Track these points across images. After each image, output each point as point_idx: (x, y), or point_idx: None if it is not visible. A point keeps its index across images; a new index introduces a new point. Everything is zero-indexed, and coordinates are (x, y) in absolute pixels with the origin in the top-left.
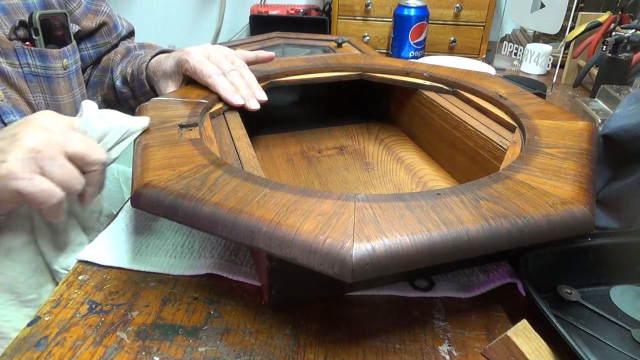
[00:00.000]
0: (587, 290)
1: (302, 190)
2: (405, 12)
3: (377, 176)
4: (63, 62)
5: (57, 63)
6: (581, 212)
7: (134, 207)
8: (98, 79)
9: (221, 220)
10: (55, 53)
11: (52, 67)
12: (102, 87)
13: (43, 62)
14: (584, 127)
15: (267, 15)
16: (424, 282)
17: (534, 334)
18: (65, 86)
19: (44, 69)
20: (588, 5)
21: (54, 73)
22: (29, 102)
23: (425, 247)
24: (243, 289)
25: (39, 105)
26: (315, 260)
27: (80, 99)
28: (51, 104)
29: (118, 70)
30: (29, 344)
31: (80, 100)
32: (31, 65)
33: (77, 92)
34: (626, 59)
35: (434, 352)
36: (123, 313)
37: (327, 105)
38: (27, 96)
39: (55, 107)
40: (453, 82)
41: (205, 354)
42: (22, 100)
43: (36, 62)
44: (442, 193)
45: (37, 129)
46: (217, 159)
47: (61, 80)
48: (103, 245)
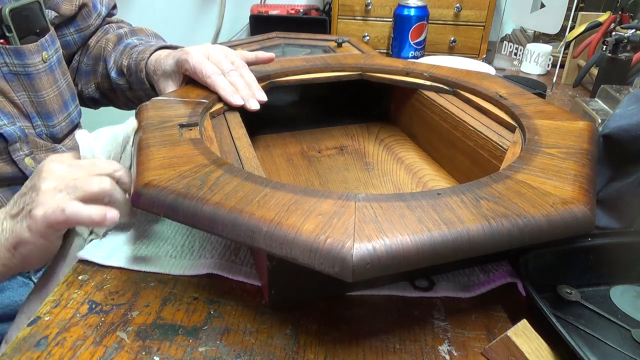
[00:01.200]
0: (587, 290)
1: (303, 190)
2: (405, 12)
3: (377, 176)
4: (42, 55)
5: (36, 58)
6: (581, 212)
7: (134, 206)
8: (90, 68)
9: (222, 220)
10: (32, 48)
11: (31, 64)
12: (95, 75)
13: (20, 59)
14: (584, 127)
15: (267, 15)
16: (424, 282)
17: (534, 334)
18: (48, 80)
19: (23, 67)
20: (588, 5)
21: (34, 69)
22: (14, 102)
23: (425, 247)
24: (243, 289)
25: (25, 104)
26: (316, 260)
27: (66, 89)
28: (36, 102)
29: (112, 60)
30: (29, 344)
31: (65, 91)
32: (9, 64)
33: (62, 83)
34: (626, 59)
35: (434, 352)
36: (123, 313)
37: (327, 105)
38: (10, 96)
39: (41, 104)
40: (453, 82)
41: (205, 354)
42: (7, 102)
43: (13, 60)
44: (443, 193)
45: (49, 172)
46: (217, 158)
47: (43, 76)
48: (103, 245)
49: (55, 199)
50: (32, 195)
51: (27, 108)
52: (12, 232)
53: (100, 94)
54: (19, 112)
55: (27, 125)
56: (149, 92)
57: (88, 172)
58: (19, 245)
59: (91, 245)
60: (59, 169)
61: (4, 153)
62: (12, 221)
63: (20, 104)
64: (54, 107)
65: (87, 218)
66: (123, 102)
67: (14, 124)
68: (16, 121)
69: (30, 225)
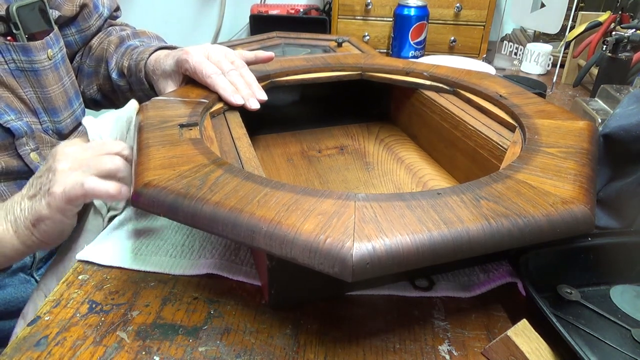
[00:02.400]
0: (587, 290)
1: (303, 189)
2: (405, 11)
3: (377, 176)
4: (48, 53)
5: (42, 55)
6: (582, 212)
7: (134, 206)
8: (93, 69)
9: (222, 220)
10: (38, 45)
11: (38, 60)
12: (97, 77)
13: (27, 56)
14: (584, 127)
15: (267, 15)
16: (424, 282)
17: (534, 334)
18: (54, 77)
19: (30, 63)
20: (588, 5)
21: (41, 66)
22: (21, 98)
23: (425, 247)
24: (243, 288)
25: (31, 100)
26: (316, 259)
27: (70, 86)
28: (42, 97)
29: (113, 61)
30: (29, 344)
31: (70, 88)
32: (16, 60)
33: (66, 81)
34: (626, 58)
35: (434, 352)
36: (123, 313)
37: (327, 105)
38: (18, 92)
39: (47, 100)
40: (453, 82)
41: (205, 354)
42: (14, 97)
43: (20, 56)
44: (443, 193)
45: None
46: (217, 158)
47: (49, 72)
48: (103, 245)
49: (72, 176)
50: (49, 176)
51: (34, 104)
52: (31, 210)
53: (102, 95)
54: (26, 108)
55: (34, 121)
56: (148, 92)
57: (99, 152)
58: (38, 222)
59: (91, 245)
60: (72, 151)
61: (11, 148)
62: (30, 201)
63: (27, 99)
64: (59, 104)
65: (104, 191)
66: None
67: (20, 119)
68: (23, 117)
69: (49, 202)
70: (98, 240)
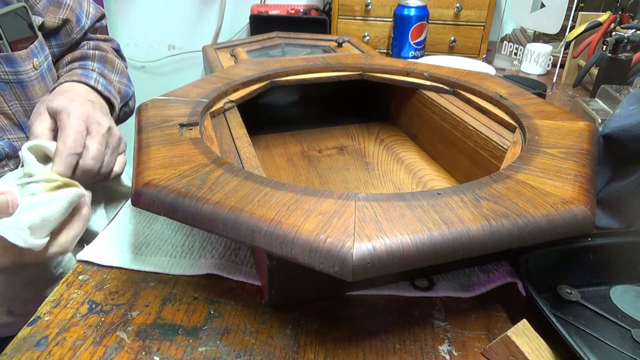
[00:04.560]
0: (587, 290)
1: (303, 189)
2: (405, 12)
3: (378, 176)
4: (33, 62)
5: (27, 65)
6: (582, 212)
7: (134, 206)
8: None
9: (222, 219)
10: (23, 54)
11: (24, 71)
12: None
13: (12, 67)
14: (584, 127)
15: (267, 15)
16: (424, 282)
17: (534, 334)
18: (40, 88)
19: (15, 75)
20: (588, 5)
21: (27, 77)
22: (5, 113)
23: (426, 247)
24: (243, 288)
25: (17, 114)
26: (316, 259)
27: None
28: (29, 110)
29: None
30: (29, 344)
31: None
32: (0, 72)
33: None
34: (626, 58)
35: (434, 352)
36: (123, 313)
37: (327, 105)
38: (2, 107)
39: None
40: (453, 82)
41: (205, 354)
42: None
43: (5, 68)
44: (443, 193)
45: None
46: (217, 158)
47: (35, 83)
48: (103, 245)
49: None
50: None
51: (20, 117)
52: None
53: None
54: (10, 123)
55: (19, 137)
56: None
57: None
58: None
59: (91, 245)
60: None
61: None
62: None
63: (12, 113)
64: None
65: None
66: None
67: (2, 138)
68: (5, 135)
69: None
70: (98, 240)
